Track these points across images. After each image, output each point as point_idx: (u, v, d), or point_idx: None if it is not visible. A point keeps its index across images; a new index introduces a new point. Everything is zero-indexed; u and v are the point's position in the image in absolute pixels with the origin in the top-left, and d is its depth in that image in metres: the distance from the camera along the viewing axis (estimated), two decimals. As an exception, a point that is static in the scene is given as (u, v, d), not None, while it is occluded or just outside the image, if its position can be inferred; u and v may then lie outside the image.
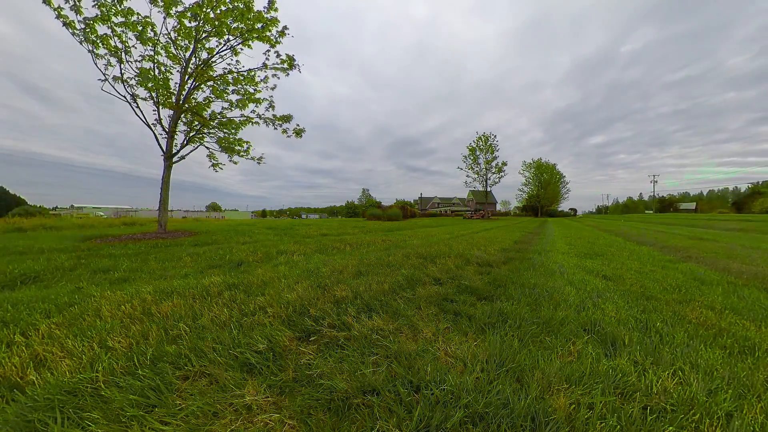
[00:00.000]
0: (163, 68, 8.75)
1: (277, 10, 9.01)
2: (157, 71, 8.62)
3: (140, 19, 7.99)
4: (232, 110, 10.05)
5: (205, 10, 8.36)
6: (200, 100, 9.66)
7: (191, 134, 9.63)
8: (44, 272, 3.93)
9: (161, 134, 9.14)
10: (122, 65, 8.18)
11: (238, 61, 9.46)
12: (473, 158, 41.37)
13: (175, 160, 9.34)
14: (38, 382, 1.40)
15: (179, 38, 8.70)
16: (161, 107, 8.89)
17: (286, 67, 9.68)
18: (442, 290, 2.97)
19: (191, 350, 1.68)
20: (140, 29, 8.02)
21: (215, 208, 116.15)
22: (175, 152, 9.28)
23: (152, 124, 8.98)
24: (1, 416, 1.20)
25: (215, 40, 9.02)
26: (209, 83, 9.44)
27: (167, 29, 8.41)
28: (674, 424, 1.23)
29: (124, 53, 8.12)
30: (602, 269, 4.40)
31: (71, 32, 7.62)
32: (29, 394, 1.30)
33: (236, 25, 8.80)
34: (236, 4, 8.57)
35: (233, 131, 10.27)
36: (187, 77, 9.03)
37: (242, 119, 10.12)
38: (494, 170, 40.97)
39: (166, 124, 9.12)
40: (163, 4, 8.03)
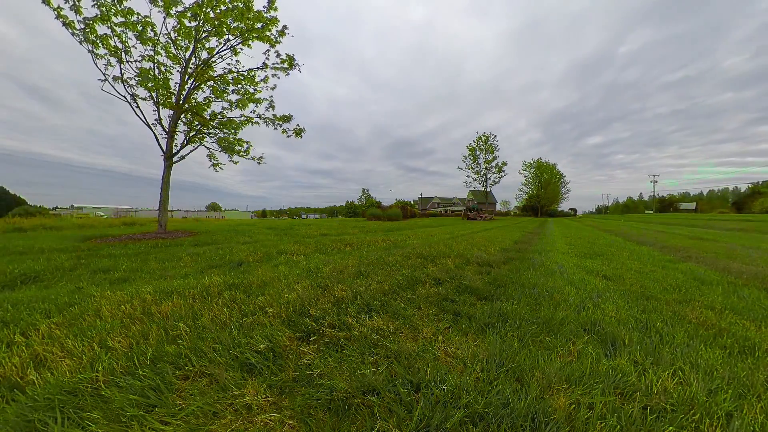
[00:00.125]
0: (163, 68, 8.74)
1: (276, 9, 9.01)
2: (157, 71, 8.61)
3: (140, 19, 7.99)
4: (232, 110, 10.06)
5: (204, 9, 8.36)
6: (200, 100, 9.66)
7: (191, 134, 9.62)
8: (44, 272, 3.93)
9: (161, 134, 9.14)
10: (122, 65, 8.18)
11: (238, 61, 9.45)
12: (473, 158, 41.39)
13: (175, 160, 9.34)
14: (38, 382, 1.40)
15: (179, 38, 8.70)
16: (161, 107, 8.88)
17: (286, 66, 9.67)
18: (442, 290, 2.97)
19: (191, 350, 1.68)
20: (140, 29, 8.02)
21: (215, 208, 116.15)
22: (175, 152, 9.28)
23: (152, 124, 8.98)
24: (1, 416, 1.20)
25: (215, 40, 9.01)
26: (209, 83, 9.44)
27: (167, 29, 8.41)
28: (674, 424, 1.23)
29: (124, 53, 8.11)
30: (602, 269, 4.40)
31: (71, 32, 7.62)
32: (29, 394, 1.30)
33: (236, 24, 8.80)
34: (236, 3, 8.57)
35: (233, 131, 10.27)
36: (187, 77, 9.03)
37: (242, 119, 10.12)
38: (494, 170, 40.99)
39: (166, 124, 9.12)
40: (163, 4, 8.02)
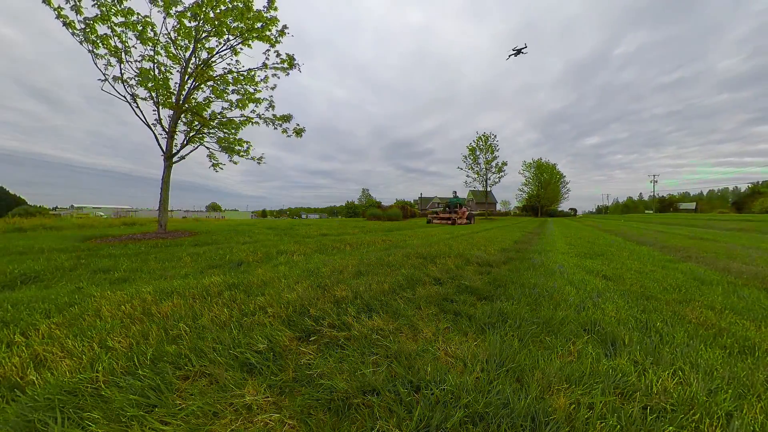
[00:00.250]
0: (163, 68, 8.74)
1: (276, 9, 9.00)
2: (157, 71, 8.61)
3: (140, 19, 7.99)
4: (232, 110, 10.05)
5: (204, 9, 8.36)
6: (200, 100, 9.66)
7: (191, 134, 9.62)
8: (44, 272, 3.93)
9: (161, 134, 9.14)
10: (122, 65, 8.18)
11: (238, 60, 9.45)
12: (473, 158, 41.36)
13: (175, 160, 9.34)
14: (38, 382, 1.40)
15: (179, 38, 8.70)
16: (161, 107, 8.88)
17: (286, 66, 9.67)
18: (442, 290, 2.97)
19: (191, 350, 1.68)
20: (140, 29, 8.01)
21: (215, 208, 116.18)
22: (175, 152, 9.28)
23: (152, 124, 8.98)
24: (1, 416, 1.20)
25: (215, 39, 9.01)
26: (209, 83, 9.43)
27: (167, 29, 8.40)
28: (674, 423, 1.23)
29: (124, 53, 8.11)
30: (602, 269, 4.40)
31: (71, 32, 7.62)
32: (29, 394, 1.30)
33: (236, 24, 8.80)
34: (236, 3, 8.56)
35: (233, 131, 10.27)
36: (187, 77, 9.03)
37: (242, 119, 10.11)
38: (494, 170, 40.96)
39: (166, 124, 9.11)
40: (163, 4, 8.02)
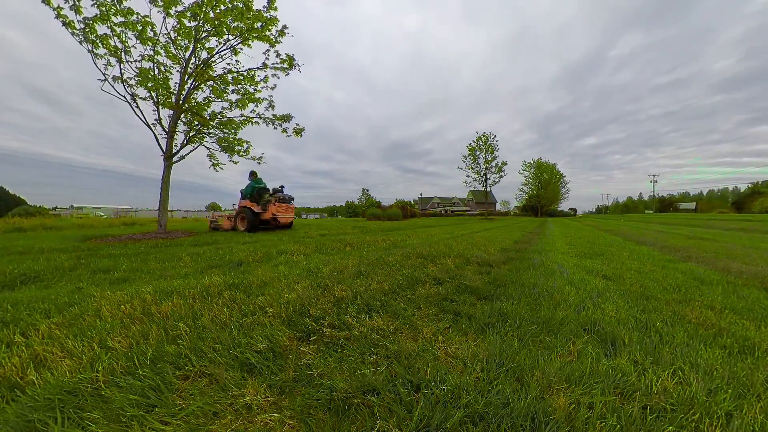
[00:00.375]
0: (162, 68, 8.74)
1: (276, 9, 9.00)
2: (156, 71, 8.61)
3: (140, 18, 7.99)
4: (232, 110, 10.06)
5: (204, 9, 8.36)
6: (200, 99, 9.66)
7: (191, 134, 9.63)
8: (44, 272, 3.93)
9: (161, 134, 9.14)
10: (122, 65, 8.18)
11: (237, 60, 9.45)
12: (473, 158, 41.31)
13: (175, 160, 9.34)
14: (38, 382, 1.40)
15: (179, 38, 8.70)
16: (161, 107, 8.88)
17: (285, 66, 9.67)
18: (442, 290, 2.97)
19: (191, 350, 1.68)
20: (140, 29, 8.02)
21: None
22: (175, 152, 9.28)
23: (152, 124, 8.98)
24: (1, 416, 1.20)
25: (215, 39, 9.01)
26: (209, 83, 9.44)
27: (167, 29, 8.40)
28: (674, 423, 1.23)
29: (123, 53, 8.11)
30: (602, 269, 4.40)
31: (71, 32, 7.62)
32: (29, 394, 1.30)
33: (236, 24, 8.80)
34: (236, 3, 8.57)
35: (233, 131, 10.27)
36: (186, 77, 9.03)
37: (242, 119, 10.12)
38: (494, 170, 40.90)
39: (165, 124, 9.11)
40: (162, 3, 8.02)
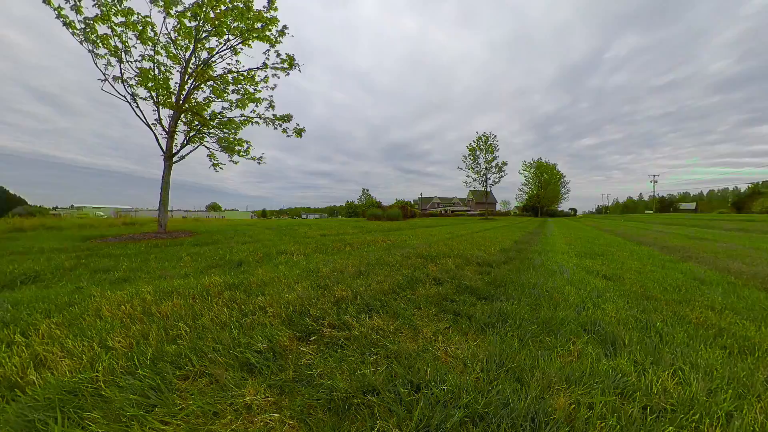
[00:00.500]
0: (163, 68, 8.74)
1: (276, 9, 9.01)
2: (157, 71, 8.61)
3: (140, 18, 7.99)
4: (232, 110, 10.06)
5: (205, 9, 8.36)
6: (200, 99, 9.66)
7: (191, 134, 9.63)
8: (44, 272, 3.93)
9: (161, 134, 9.15)
10: (122, 65, 8.18)
11: (238, 60, 9.45)
12: (473, 158, 41.30)
13: (175, 160, 9.34)
14: (38, 382, 1.40)
15: (179, 38, 8.70)
16: (161, 107, 8.88)
17: (286, 66, 9.67)
18: (442, 290, 2.97)
19: (191, 350, 1.68)
20: (140, 29, 8.01)
21: (215, 208, 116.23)
22: (175, 152, 9.28)
23: (152, 124, 8.98)
24: (1, 416, 1.20)
25: (215, 39, 9.01)
26: (209, 83, 9.44)
27: (167, 29, 8.40)
28: (674, 424, 1.23)
29: (124, 53, 8.11)
30: (602, 269, 4.40)
31: (71, 32, 7.62)
32: (29, 393, 1.30)
33: (236, 24, 8.80)
34: (236, 3, 8.57)
35: (233, 131, 10.27)
36: (187, 77, 9.03)
37: (242, 119, 10.12)
38: (494, 170, 40.89)
39: (166, 124, 9.12)
40: (163, 3, 8.02)
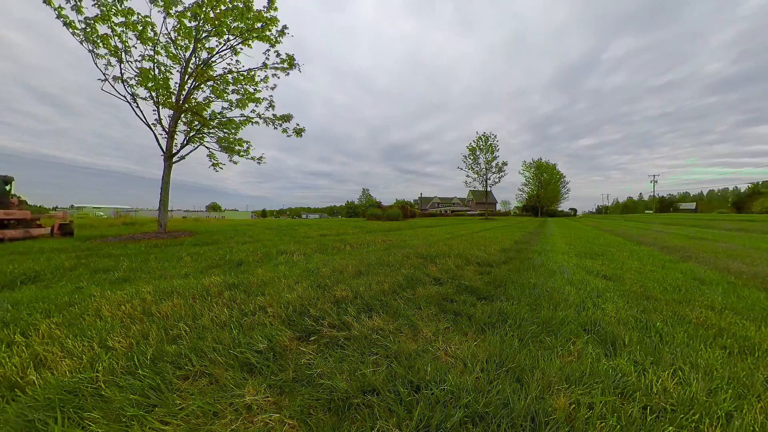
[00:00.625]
0: (163, 68, 8.74)
1: (276, 9, 9.01)
2: (157, 71, 8.61)
3: (140, 18, 7.99)
4: (232, 110, 10.06)
5: (205, 9, 8.36)
6: (200, 99, 9.66)
7: (191, 134, 9.63)
8: (44, 272, 3.93)
9: (161, 134, 9.15)
10: (122, 65, 8.18)
11: (238, 60, 9.45)
12: (473, 158, 41.31)
13: (175, 160, 9.34)
14: (38, 382, 1.40)
15: (179, 38, 8.70)
16: (161, 107, 8.88)
17: (286, 66, 9.67)
18: (442, 290, 2.97)
19: (191, 350, 1.68)
20: (140, 29, 8.02)
21: (215, 208, 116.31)
22: (175, 152, 9.28)
23: (152, 124, 8.98)
24: (1, 416, 1.20)
25: (215, 39, 9.01)
26: (209, 83, 9.44)
27: (167, 29, 8.41)
28: (674, 423, 1.22)
29: (124, 53, 8.11)
30: (602, 269, 4.40)
31: (71, 32, 7.62)
32: (30, 393, 1.30)
33: (236, 24, 8.80)
34: (236, 3, 8.57)
35: (233, 131, 10.27)
36: (187, 77, 9.03)
37: (242, 119, 10.12)
38: (494, 170, 40.90)
39: (166, 124, 9.12)
40: (163, 3, 8.02)
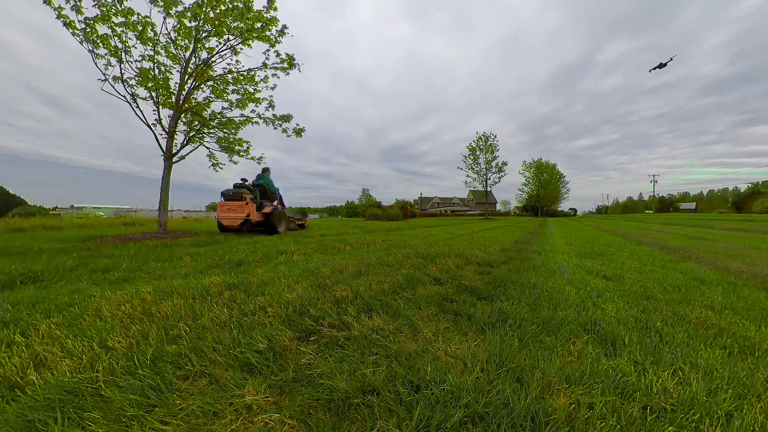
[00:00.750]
0: (163, 68, 8.74)
1: (276, 9, 9.00)
2: (156, 71, 8.61)
3: (140, 19, 7.98)
4: (232, 110, 10.05)
5: (205, 9, 8.36)
6: (200, 100, 9.66)
7: (191, 134, 9.62)
8: (44, 272, 3.93)
9: (161, 134, 9.14)
10: (122, 65, 8.18)
11: (238, 60, 9.44)
12: (473, 158, 41.34)
13: (175, 160, 9.33)
14: (38, 382, 1.40)
15: (179, 38, 8.69)
16: (161, 107, 8.88)
17: (286, 66, 9.66)
18: (442, 290, 2.97)
19: (191, 350, 1.68)
20: (140, 29, 8.01)
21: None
22: (175, 152, 9.28)
23: (152, 124, 8.98)
24: (1, 416, 1.20)
25: (215, 39, 9.01)
26: (209, 83, 9.43)
27: (167, 29, 8.40)
28: (674, 423, 1.22)
29: (124, 53, 8.11)
30: (602, 269, 4.40)
31: (71, 32, 7.62)
32: (29, 394, 1.30)
33: (236, 24, 8.80)
34: (236, 3, 8.56)
35: (233, 131, 10.27)
36: (187, 77, 9.02)
37: (242, 119, 10.12)
38: (494, 170, 40.95)
39: (165, 124, 9.11)
40: (163, 4, 8.02)
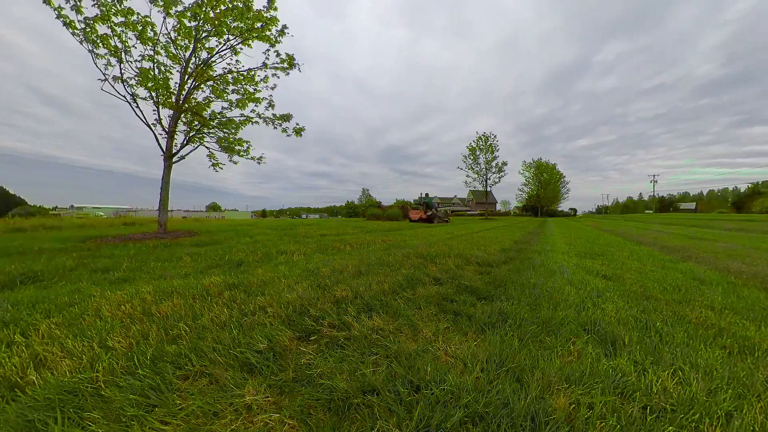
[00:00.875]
0: (163, 68, 8.74)
1: (276, 9, 9.00)
2: (156, 71, 8.60)
3: (140, 18, 7.98)
4: (231, 110, 10.04)
5: (204, 9, 8.35)
6: (200, 99, 9.65)
7: (191, 134, 9.62)
8: (44, 272, 3.93)
9: (161, 134, 9.13)
10: (122, 65, 8.17)
11: (238, 60, 9.44)
12: (473, 158, 41.35)
13: (175, 160, 9.33)
14: (38, 382, 1.40)
15: (179, 38, 8.69)
16: (161, 107, 8.88)
17: (285, 66, 9.66)
18: (442, 290, 2.97)
19: (191, 350, 1.68)
20: (140, 29, 8.01)
21: (215, 208, 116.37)
22: (175, 152, 9.28)
23: (152, 124, 8.98)
24: (1, 416, 1.20)
25: (215, 39, 9.00)
26: (209, 83, 9.43)
27: (167, 29, 8.39)
28: (674, 423, 1.23)
29: (123, 53, 8.10)
30: (602, 269, 4.40)
31: (71, 32, 7.61)
32: (29, 394, 1.30)
33: (236, 24, 8.79)
34: (236, 3, 8.56)
35: (233, 131, 10.26)
36: (187, 77, 9.02)
37: (242, 119, 10.11)
38: (494, 170, 40.97)
39: (165, 124, 9.11)
40: (163, 3, 8.01)
